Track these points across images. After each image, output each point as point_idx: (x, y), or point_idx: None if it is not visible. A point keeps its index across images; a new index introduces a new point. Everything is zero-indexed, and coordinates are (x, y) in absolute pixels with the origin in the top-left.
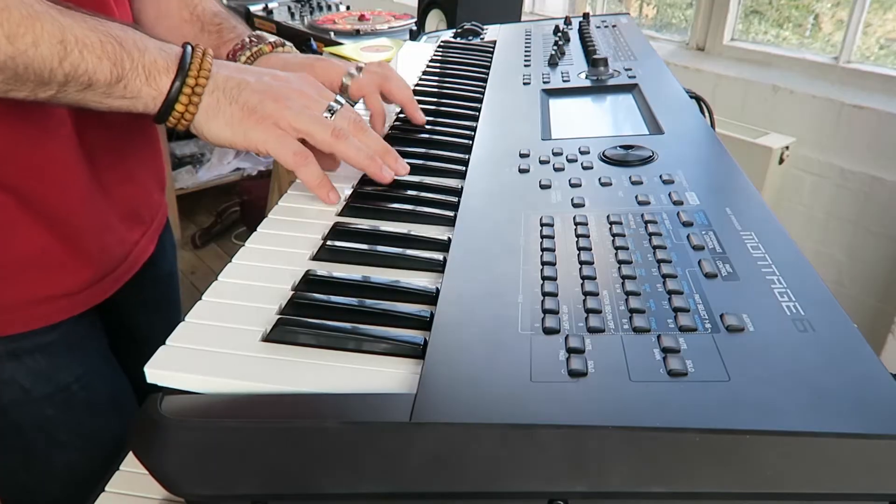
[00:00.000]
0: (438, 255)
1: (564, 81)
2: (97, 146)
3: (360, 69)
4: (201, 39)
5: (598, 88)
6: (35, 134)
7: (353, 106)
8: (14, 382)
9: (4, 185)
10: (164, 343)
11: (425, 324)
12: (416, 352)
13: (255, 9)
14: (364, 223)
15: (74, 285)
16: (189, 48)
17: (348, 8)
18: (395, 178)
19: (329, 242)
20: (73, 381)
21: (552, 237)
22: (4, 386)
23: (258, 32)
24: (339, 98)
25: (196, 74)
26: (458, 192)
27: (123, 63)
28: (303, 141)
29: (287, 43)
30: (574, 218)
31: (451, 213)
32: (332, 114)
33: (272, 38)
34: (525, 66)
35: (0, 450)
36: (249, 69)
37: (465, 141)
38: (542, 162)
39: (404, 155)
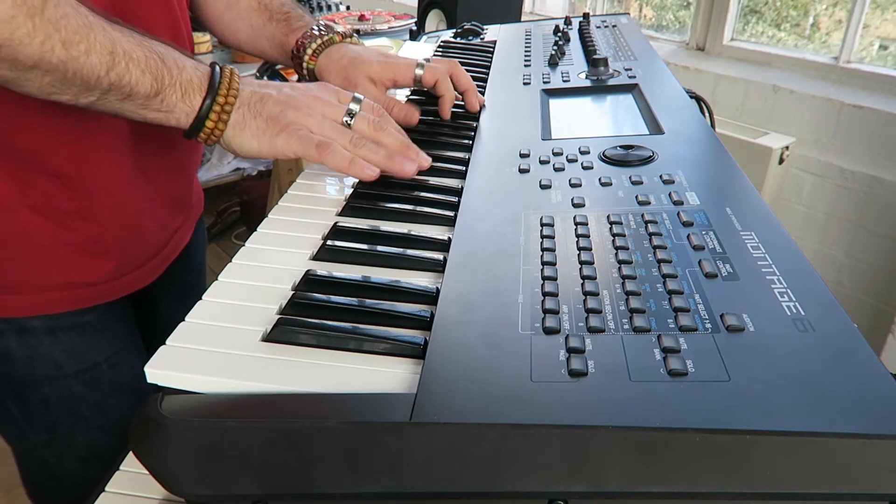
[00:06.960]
0: (438, 255)
1: (564, 81)
2: (148, 136)
3: (427, 60)
4: (270, 28)
5: (598, 88)
6: (87, 123)
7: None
8: (49, 358)
9: (52, 171)
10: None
11: (425, 324)
12: (417, 352)
13: None
14: (364, 223)
15: (112, 272)
16: (217, 68)
17: (348, 8)
18: (395, 177)
19: (329, 242)
20: (102, 361)
21: (552, 237)
22: (40, 360)
23: (326, 22)
24: (357, 95)
25: (225, 93)
26: (458, 192)
27: (163, 78)
28: None
29: (355, 34)
30: (574, 218)
31: (451, 213)
32: (352, 117)
33: (340, 29)
34: (525, 66)
35: (27, 424)
36: (271, 84)
37: (466, 141)
38: (542, 162)
39: None
